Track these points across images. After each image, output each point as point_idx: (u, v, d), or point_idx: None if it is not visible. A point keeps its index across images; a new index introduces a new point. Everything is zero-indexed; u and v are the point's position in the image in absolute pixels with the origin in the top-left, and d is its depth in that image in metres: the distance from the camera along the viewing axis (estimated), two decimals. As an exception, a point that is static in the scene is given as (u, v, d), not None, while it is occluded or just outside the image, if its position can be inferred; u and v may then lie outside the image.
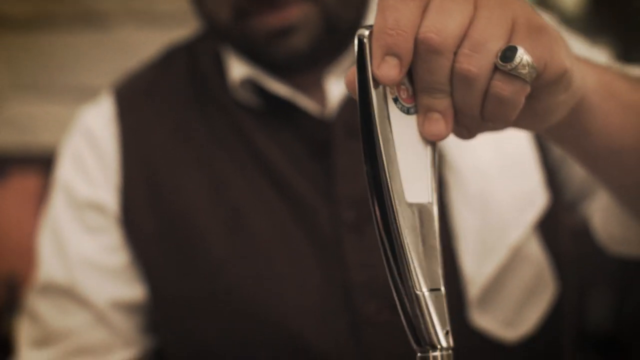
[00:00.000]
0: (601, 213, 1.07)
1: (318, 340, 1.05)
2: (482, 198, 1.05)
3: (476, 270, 1.04)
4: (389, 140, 0.64)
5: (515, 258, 1.06)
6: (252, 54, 1.09)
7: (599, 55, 1.07)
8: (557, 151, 1.08)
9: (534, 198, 1.07)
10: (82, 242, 1.13)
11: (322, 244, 1.05)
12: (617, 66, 1.01)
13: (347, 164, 1.06)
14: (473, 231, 1.04)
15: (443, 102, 0.65)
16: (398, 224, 0.63)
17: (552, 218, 1.09)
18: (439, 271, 0.66)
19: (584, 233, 1.13)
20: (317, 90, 1.10)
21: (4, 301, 2.11)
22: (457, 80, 0.64)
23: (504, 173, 1.06)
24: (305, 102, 1.09)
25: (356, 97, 0.64)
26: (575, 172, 1.08)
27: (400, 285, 0.64)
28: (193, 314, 1.09)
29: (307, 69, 1.09)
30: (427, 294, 0.64)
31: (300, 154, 1.08)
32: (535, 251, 1.07)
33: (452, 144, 1.04)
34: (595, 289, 2.61)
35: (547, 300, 1.09)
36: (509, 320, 1.06)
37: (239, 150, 1.10)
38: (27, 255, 1.20)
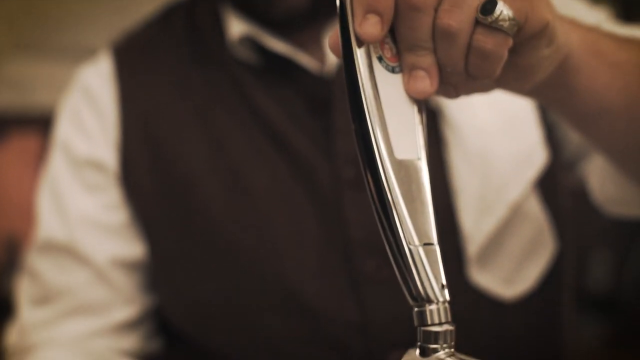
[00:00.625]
0: (597, 174, 1.07)
1: (317, 297, 1.05)
2: (481, 156, 1.04)
3: (475, 227, 1.04)
4: (375, 98, 0.65)
5: (514, 216, 1.06)
6: (251, 10, 1.08)
7: (598, 15, 1.07)
8: None
9: (534, 156, 1.06)
10: (82, 200, 1.13)
11: (322, 201, 1.05)
12: (613, 26, 1.00)
13: (347, 121, 1.05)
14: (472, 189, 1.04)
15: (427, 59, 0.66)
16: (387, 180, 0.64)
17: (551, 176, 1.09)
18: (432, 226, 0.66)
19: (584, 194, 1.13)
20: (316, 48, 1.09)
21: (4, 261, 2.11)
22: (439, 36, 0.65)
23: (503, 131, 1.06)
24: (304, 59, 1.08)
25: (340, 57, 0.64)
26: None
27: (392, 241, 0.64)
28: (192, 272, 1.09)
29: (306, 26, 1.09)
30: (419, 248, 0.64)
31: (300, 112, 1.08)
32: (535, 209, 1.07)
33: (452, 103, 1.04)
34: (596, 250, 2.62)
35: (546, 258, 1.10)
36: (507, 278, 1.07)
37: (238, 108, 1.09)
38: (27, 216, 1.20)
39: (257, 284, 1.06)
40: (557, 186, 1.11)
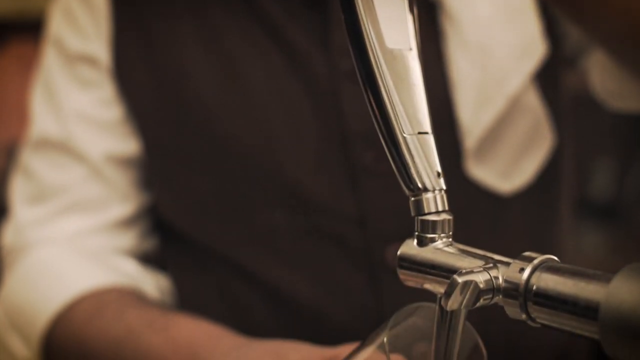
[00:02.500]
0: (597, 68, 1.06)
1: (315, 189, 1.04)
2: (480, 48, 1.03)
3: (473, 120, 1.03)
4: None
5: (513, 108, 1.05)
6: None
7: None
8: None
9: (533, 48, 1.05)
10: (76, 97, 1.12)
11: (319, 93, 1.04)
12: None
13: None
14: (471, 81, 1.03)
15: None
16: (379, 68, 0.63)
17: (551, 70, 1.08)
18: (426, 115, 0.65)
19: (586, 100, 1.12)
20: None
21: (5, 167, 2.11)
22: None
23: (502, 23, 1.05)
24: None
25: None
26: None
27: (385, 130, 0.64)
28: (188, 167, 1.08)
29: None
30: (413, 137, 0.64)
31: (296, 3, 1.06)
32: (534, 102, 1.06)
33: None
34: (598, 158, 2.61)
35: (544, 152, 1.09)
36: (505, 171, 1.06)
37: (233, 0, 1.07)
38: (27, 122, 1.19)
39: (253, 177, 1.05)
40: (556, 80, 1.10)
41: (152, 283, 1.14)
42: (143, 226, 1.16)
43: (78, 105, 1.11)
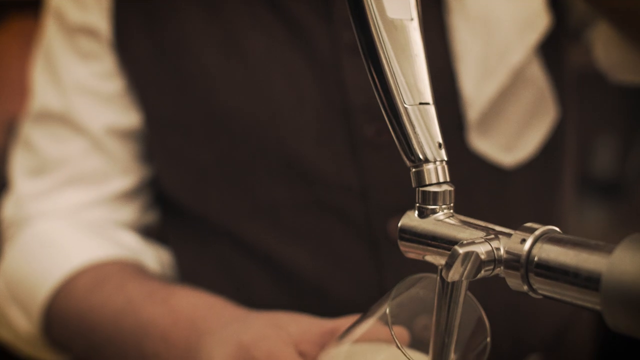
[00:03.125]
0: (601, 40, 1.06)
1: (317, 162, 1.03)
2: (484, 20, 1.02)
3: (476, 92, 1.02)
4: None
5: (516, 81, 1.04)
6: None
7: None
8: None
9: (536, 20, 1.04)
10: (76, 69, 1.11)
11: (321, 65, 1.03)
12: None
13: None
14: (474, 53, 1.02)
15: None
16: (379, 38, 0.63)
17: (555, 42, 1.07)
18: (427, 85, 0.65)
19: (591, 76, 1.12)
20: None
21: (4, 143, 2.11)
22: None
23: None
24: None
25: None
26: None
27: (386, 101, 0.63)
28: (189, 138, 1.08)
29: None
30: (415, 107, 0.63)
31: None
32: (537, 74, 1.06)
33: None
34: (601, 134, 2.61)
35: (547, 125, 1.08)
36: (507, 144, 1.06)
37: None
38: (27, 98, 1.18)
39: (255, 149, 1.05)
40: (560, 53, 1.10)
41: (153, 256, 1.14)
42: (144, 199, 1.16)
43: (78, 77, 1.11)
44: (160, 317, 0.93)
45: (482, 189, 1.06)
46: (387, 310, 0.67)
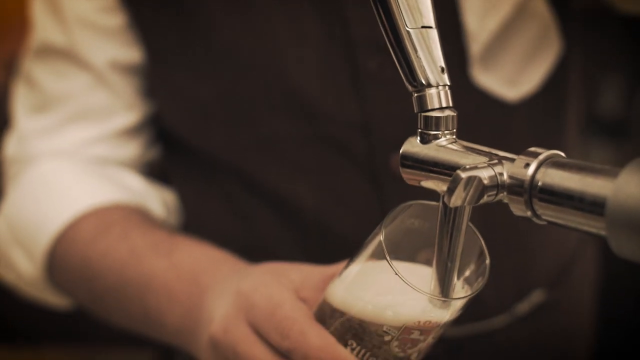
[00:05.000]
0: None
1: (319, 96, 1.03)
2: None
3: (480, 26, 1.01)
4: None
5: (519, 14, 1.03)
6: None
7: None
8: None
9: None
10: (78, 3, 1.09)
11: None
12: None
13: None
14: None
15: None
16: None
17: None
18: (429, 8, 0.64)
19: (597, 16, 1.10)
20: None
21: (5, 82, 2.10)
22: None
23: None
24: None
25: None
26: None
27: (387, 24, 0.62)
28: (190, 73, 1.07)
29: None
30: (417, 30, 0.63)
31: None
32: (541, 7, 1.05)
33: None
34: (606, 74, 2.59)
35: (551, 59, 1.08)
36: (511, 78, 1.05)
37: None
38: (27, 34, 1.17)
39: (257, 83, 1.04)
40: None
41: (157, 199, 1.13)
42: (147, 136, 1.15)
43: (80, 11, 1.09)
44: (163, 271, 0.94)
45: (486, 124, 1.05)
46: (382, 238, 0.66)
